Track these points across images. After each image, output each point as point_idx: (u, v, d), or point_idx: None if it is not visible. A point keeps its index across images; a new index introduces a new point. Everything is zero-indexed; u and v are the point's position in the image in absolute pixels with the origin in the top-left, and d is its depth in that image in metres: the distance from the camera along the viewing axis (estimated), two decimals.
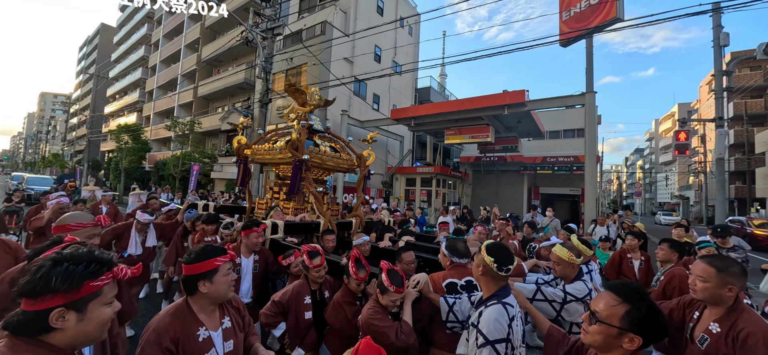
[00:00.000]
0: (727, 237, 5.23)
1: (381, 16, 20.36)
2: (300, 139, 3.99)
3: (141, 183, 27.73)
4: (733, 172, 28.12)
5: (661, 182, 53.15)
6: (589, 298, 2.19)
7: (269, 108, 17.47)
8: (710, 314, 1.81)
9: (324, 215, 4.06)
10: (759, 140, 22.32)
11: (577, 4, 11.44)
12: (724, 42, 8.57)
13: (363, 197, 5.14)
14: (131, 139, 25.20)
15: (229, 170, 20.17)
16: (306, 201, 4.51)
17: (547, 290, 2.25)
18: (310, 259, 2.47)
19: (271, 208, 4.54)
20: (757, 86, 27.37)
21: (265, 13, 11.96)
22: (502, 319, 1.59)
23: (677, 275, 2.99)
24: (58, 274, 0.98)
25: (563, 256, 2.32)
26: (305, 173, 4.04)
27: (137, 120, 35.29)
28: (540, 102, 12.73)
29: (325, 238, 3.63)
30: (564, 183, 20.28)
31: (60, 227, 2.18)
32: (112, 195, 6.62)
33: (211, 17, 25.92)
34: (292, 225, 3.86)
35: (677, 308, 2.06)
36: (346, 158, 4.89)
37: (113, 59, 45.52)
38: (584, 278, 2.34)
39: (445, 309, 2.03)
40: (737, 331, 1.63)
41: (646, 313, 1.20)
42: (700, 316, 1.88)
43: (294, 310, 2.41)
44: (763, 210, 21.56)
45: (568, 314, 2.20)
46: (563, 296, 2.20)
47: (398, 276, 2.04)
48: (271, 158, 4.50)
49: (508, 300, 1.68)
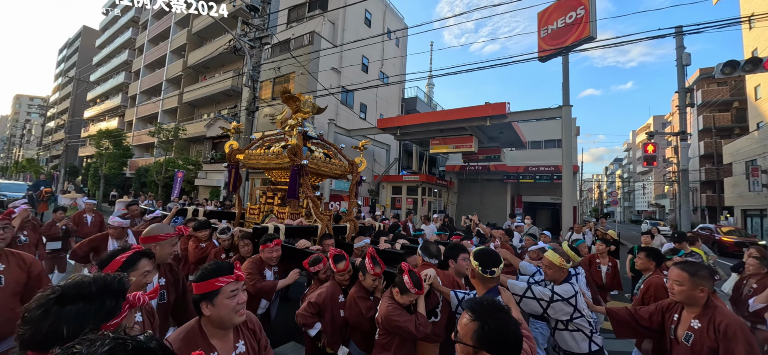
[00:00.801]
0: (684, 242, 5.69)
1: (369, 27, 20.75)
2: (298, 144, 4.05)
3: (121, 190, 27.03)
4: (704, 181, 29.55)
5: (639, 191, 55.15)
6: (574, 300, 2.34)
7: (256, 116, 17.51)
8: (689, 313, 2.01)
9: (321, 220, 4.14)
10: (726, 152, 23.62)
11: (554, 22, 12.05)
12: (686, 61, 9.22)
13: (355, 202, 5.26)
14: (112, 144, 24.61)
15: (214, 177, 19.96)
16: (300, 206, 4.53)
17: (537, 289, 2.41)
18: (335, 263, 2.63)
19: (267, 214, 4.57)
20: (724, 101, 29.02)
21: (254, 23, 12.10)
22: None
23: (654, 283, 3.16)
24: (67, 320, 0.85)
25: (555, 261, 2.47)
26: (303, 178, 4.09)
27: (119, 125, 34.45)
28: (520, 114, 13.24)
29: (324, 242, 3.71)
30: (546, 192, 20.93)
31: (150, 238, 2.18)
32: (94, 203, 6.50)
33: (198, 23, 25.83)
34: (292, 229, 3.89)
35: (656, 312, 2.26)
36: (338, 164, 4.95)
37: (95, 63, 44.46)
38: (572, 281, 2.48)
39: (454, 302, 2.24)
40: (717, 324, 1.85)
41: (491, 330, 1.14)
42: (679, 317, 2.07)
43: (330, 309, 2.53)
44: (732, 218, 22.73)
45: (554, 312, 2.35)
46: (551, 295, 2.35)
47: (417, 278, 2.17)
48: (266, 164, 4.52)
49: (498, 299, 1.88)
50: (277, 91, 18.62)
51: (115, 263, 1.64)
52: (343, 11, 18.52)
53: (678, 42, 9.20)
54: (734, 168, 22.48)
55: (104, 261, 1.66)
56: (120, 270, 1.60)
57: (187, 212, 4.79)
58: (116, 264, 1.63)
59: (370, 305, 2.45)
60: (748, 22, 17.89)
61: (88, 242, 3.69)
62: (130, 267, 1.66)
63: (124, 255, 1.67)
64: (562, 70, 11.43)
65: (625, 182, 62.77)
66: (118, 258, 1.65)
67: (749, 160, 19.89)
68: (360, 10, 19.99)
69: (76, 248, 3.65)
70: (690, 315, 1.98)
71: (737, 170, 21.88)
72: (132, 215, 5.07)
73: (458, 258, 2.68)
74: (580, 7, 11.14)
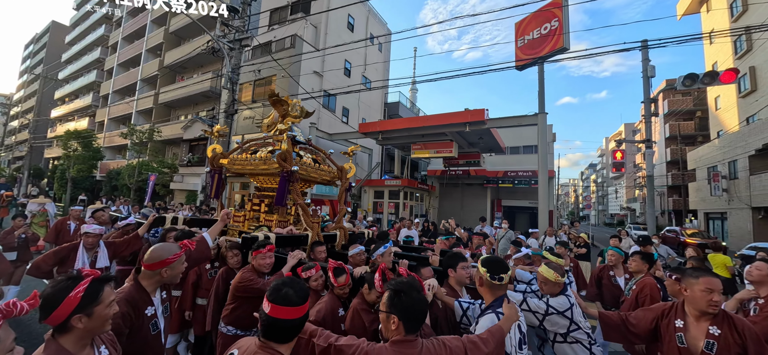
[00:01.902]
0: (649, 246, 6.02)
1: (352, 32, 20.80)
2: (288, 150, 3.92)
3: (91, 194, 25.77)
4: (671, 186, 31.18)
5: (612, 195, 57.49)
6: (569, 312, 2.30)
7: (235, 119, 17.15)
8: (700, 321, 1.97)
9: (311, 228, 4.00)
10: (690, 158, 25.01)
11: (530, 33, 12.48)
12: (651, 73, 9.75)
13: (345, 209, 5.07)
14: (81, 145, 23.45)
15: (191, 181, 19.38)
16: (288, 214, 4.40)
17: (532, 301, 2.37)
18: (335, 277, 2.50)
19: (259, 225, 4.31)
20: (688, 110, 30.80)
21: (233, 24, 11.89)
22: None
23: (648, 284, 3.23)
24: None
25: (550, 277, 2.42)
26: (292, 185, 3.97)
27: (89, 125, 32.89)
28: (498, 120, 13.59)
29: (315, 249, 3.59)
30: (524, 196, 21.51)
31: (157, 263, 1.99)
32: (80, 210, 5.96)
33: (176, 22, 25.12)
34: (282, 238, 3.74)
35: (648, 319, 2.22)
36: (327, 170, 4.81)
37: (64, 60, 42.36)
38: (567, 292, 2.43)
39: (459, 312, 2.24)
40: (740, 329, 1.88)
41: (401, 300, 1.47)
42: (685, 325, 2.02)
43: (330, 325, 2.34)
44: (696, 221, 24.06)
45: (550, 324, 2.32)
46: (545, 308, 2.32)
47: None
48: (252, 169, 4.33)
49: (501, 310, 1.87)
50: (258, 93, 18.34)
51: (70, 301, 1.27)
52: (326, 15, 18.50)
53: (643, 55, 9.72)
54: (697, 174, 23.83)
55: (50, 300, 1.26)
56: (80, 309, 1.29)
57: (165, 221, 4.41)
58: (72, 303, 1.28)
59: (373, 317, 2.34)
60: (710, 37, 19.14)
61: (54, 254, 3.35)
62: (92, 302, 1.33)
63: (79, 287, 1.31)
64: (538, 79, 11.84)
65: (599, 187, 65.32)
66: (73, 295, 1.28)
67: (711, 166, 21.15)
68: (343, 15, 20.02)
69: (40, 261, 3.31)
70: (704, 324, 1.95)
71: (700, 176, 23.21)
72: (100, 223, 4.78)
73: (457, 267, 2.62)
74: (554, 19, 11.59)
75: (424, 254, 4.08)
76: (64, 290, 1.29)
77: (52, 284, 1.32)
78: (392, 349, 1.45)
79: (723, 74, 8.63)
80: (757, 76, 19.04)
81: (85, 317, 1.31)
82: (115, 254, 3.69)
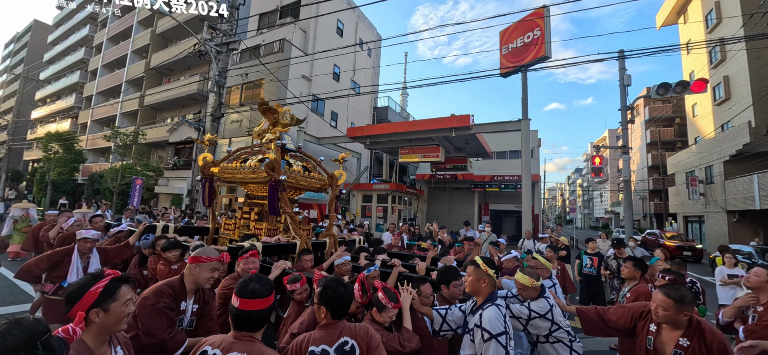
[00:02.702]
0: (623, 248, 6.24)
1: (341, 37, 20.92)
2: (276, 159, 3.94)
3: (72, 197, 25.11)
4: (653, 190, 32.13)
5: (597, 199, 58.77)
6: (550, 314, 2.38)
7: (222, 122, 17.02)
8: (673, 331, 2.03)
9: (300, 236, 4.00)
10: (670, 163, 25.84)
11: (514, 41, 12.80)
12: (627, 82, 10.15)
13: (335, 215, 5.05)
14: (62, 148, 22.87)
15: (176, 185, 19.10)
16: (278, 222, 4.41)
17: (514, 306, 2.44)
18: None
19: (251, 235, 4.26)
20: (667, 117, 31.87)
21: (221, 28, 11.87)
22: (498, 316, 1.96)
23: (642, 292, 3.26)
24: None
25: (526, 282, 2.49)
26: (281, 194, 3.98)
27: (71, 127, 32.09)
28: (483, 126, 13.85)
29: (302, 258, 3.55)
30: (511, 200, 21.85)
31: (193, 259, 2.22)
32: (56, 214, 5.69)
33: (163, 24, 24.84)
34: (269, 247, 3.71)
35: (625, 317, 2.33)
36: (317, 177, 4.80)
37: (46, 60, 41.31)
38: (546, 294, 2.50)
39: (438, 320, 2.29)
40: (709, 342, 1.92)
41: (328, 293, 1.75)
42: (658, 331, 2.10)
43: None
44: (676, 224, 24.82)
45: (534, 328, 2.39)
46: (528, 313, 2.39)
47: (392, 293, 2.15)
48: (242, 178, 4.35)
49: (499, 302, 2.06)
50: (246, 97, 18.26)
51: (90, 296, 1.41)
52: (315, 20, 18.58)
53: (620, 65, 10.10)
54: (676, 178, 24.62)
55: (73, 295, 1.41)
56: (97, 303, 1.41)
57: (156, 229, 4.39)
58: (91, 298, 1.41)
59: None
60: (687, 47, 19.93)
61: (48, 258, 3.29)
62: (108, 299, 1.44)
63: (99, 284, 1.45)
64: (522, 86, 12.14)
65: (584, 191, 66.71)
66: (93, 290, 1.42)
67: (688, 171, 21.91)
68: (332, 20, 20.13)
69: (32, 264, 3.24)
70: (675, 334, 2.01)
71: (679, 180, 23.99)
72: (96, 228, 4.58)
73: (451, 285, 2.60)
74: (537, 28, 11.94)
75: (411, 262, 4.07)
76: (85, 286, 1.44)
77: (77, 282, 1.50)
78: (320, 332, 1.71)
79: (693, 84, 9.03)
80: (731, 85, 19.87)
81: (102, 313, 1.43)
82: (106, 260, 3.66)
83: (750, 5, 17.76)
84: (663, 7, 26.59)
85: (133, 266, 3.85)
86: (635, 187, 35.31)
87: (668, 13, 25.86)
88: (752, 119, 17.28)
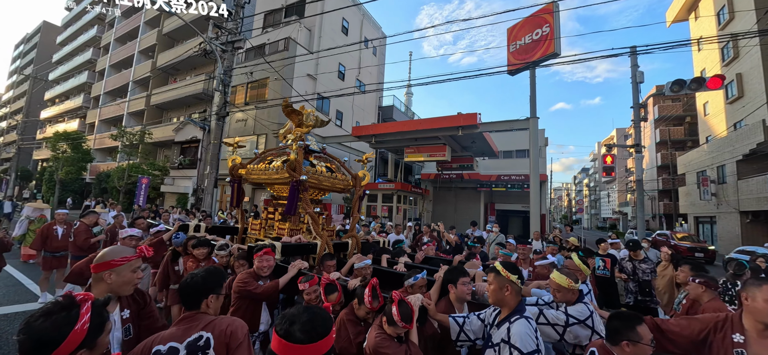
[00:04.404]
0: (638, 250, 6.02)
1: (346, 35, 20.83)
2: (298, 159, 3.99)
3: (80, 196, 25.36)
4: (662, 190, 31.59)
5: (604, 199, 58.06)
6: (590, 321, 2.10)
7: (227, 121, 17.02)
8: (765, 336, 1.80)
9: (321, 236, 3.99)
10: (680, 163, 25.36)
11: (522, 38, 12.58)
12: (640, 79, 9.88)
13: (358, 216, 5.04)
14: (70, 147, 23.09)
15: (182, 184, 19.17)
16: (301, 221, 4.44)
17: (550, 313, 2.19)
18: (326, 295, 2.51)
19: (275, 236, 4.38)
20: (678, 116, 31.31)
21: (226, 27, 11.84)
22: (529, 331, 1.72)
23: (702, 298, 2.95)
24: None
25: (563, 283, 2.23)
26: (302, 194, 4.02)
27: (79, 127, 32.46)
28: (490, 124, 13.65)
29: (325, 263, 3.50)
30: (517, 200, 21.60)
31: (102, 265, 1.76)
32: (66, 213, 5.75)
33: (169, 24, 24.97)
34: (288, 247, 3.73)
35: (700, 329, 2.00)
36: (341, 178, 4.79)
37: (55, 61, 41.85)
38: (585, 299, 2.26)
39: (455, 329, 2.12)
40: None
41: (181, 287, 1.68)
42: (745, 339, 1.83)
43: None
44: (686, 224, 24.35)
45: (572, 336, 2.11)
46: (566, 318, 2.13)
47: (407, 310, 2.00)
48: (266, 178, 4.44)
49: (528, 314, 1.82)
50: (251, 96, 18.25)
51: (75, 336, 1.07)
52: (320, 18, 18.51)
53: (632, 61, 9.85)
54: (687, 178, 24.16)
55: (46, 338, 1.04)
56: (85, 344, 1.10)
57: (188, 228, 4.63)
58: (77, 339, 1.08)
59: (360, 330, 2.31)
60: (698, 44, 19.52)
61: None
62: (98, 333, 1.16)
63: (83, 319, 1.11)
64: (530, 84, 11.93)
65: (591, 191, 65.94)
66: (79, 328, 1.09)
67: (700, 170, 21.46)
68: (337, 19, 20.05)
69: (83, 266, 3.07)
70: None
71: (690, 180, 23.53)
72: (139, 229, 4.87)
73: (458, 283, 2.44)
74: (546, 24, 11.71)
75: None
76: (62, 325, 1.08)
77: (40, 316, 1.09)
78: (173, 328, 1.57)
79: (709, 80, 8.77)
80: (744, 82, 19.41)
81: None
82: (145, 258, 3.85)
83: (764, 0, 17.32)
84: (674, 4, 26.09)
85: (165, 262, 4.02)
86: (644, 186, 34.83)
87: (679, 9, 25.36)
88: (766, 118, 16.85)
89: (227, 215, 11.28)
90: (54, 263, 5.44)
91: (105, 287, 1.73)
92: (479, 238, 7.48)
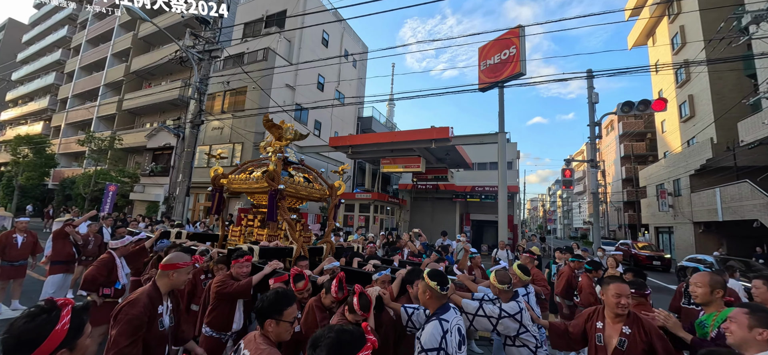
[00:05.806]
0: (598, 270, 6.49)
1: (326, 47, 21.13)
2: (276, 170, 4.26)
3: (41, 203, 24.06)
4: (627, 202, 33.38)
5: (576, 210, 60.44)
6: (519, 316, 2.55)
7: (203, 129, 16.81)
8: (615, 322, 2.26)
9: (296, 242, 4.32)
10: (642, 176, 27.00)
11: (492, 57, 13.31)
12: (595, 100, 10.70)
13: (333, 224, 5.39)
14: (32, 151, 21.99)
15: (153, 192, 18.64)
16: (279, 228, 4.74)
17: (487, 307, 2.61)
18: (294, 283, 2.82)
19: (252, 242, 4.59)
20: (639, 132, 33.38)
21: (204, 35, 11.85)
22: (436, 332, 1.97)
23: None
24: None
25: (495, 283, 2.77)
26: (280, 202, 4.28)
27: (44, 130, 30.92)
28: (462, 138, 14.22)
29: (299, 264, 3.73)
30: (492, 210, 22.26)
31: (169, 266, 2.24)
32: (27, 221, 5.63)
33: (145, 28, 24.48)
34: (266, 250, 4.02)
35: (580, 322, 2.49)
36: (318, 188, 5.13)
37: (19, 60, 39.84)
38: (518, 299, 2.70)
39: (405, 317, 2.45)
40: (647, 328, 2.15)
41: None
42: (603, 324, 2.30)
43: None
44: (648, 234, 25.84)
45: (503, 328, 2.54)
46: (498, 312, 2.55)
47: (366, 301, 2.27)
48: (247, 188, 4.69)
49: (444, 317, 2.05)
50: (229, 104, 18.13)
51: (55, 336, 1.17)
52: (300, 31, 18.74)
53: (589, 84, 10.66)
54: (648, 191, 25.73)
55: (26, 338, 1.13)
56: (65, 343, 1.20)
57: (170, 234, 4.88)
58: (57, 339, 1.17)
59: (325, 316, 2.64)
60: (655, 68, 21.12)
61: (105, 266, 3.63)
62: (77, 335, 1.24)
63: (63, 320, 1.20)
64: (498, 101, 12.60)
65: (564, 202, 68.51)
66: (59, 328, 1.18)
67: (659, 184, 22.96)
68: (318, 31, 20.35)
69: (96, 273, 3.53)
70: (618, 323, 2.22)
71: (650, 193, 25.07)
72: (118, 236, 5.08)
73: (414, 284, 2.74)
74: (513, 46, 12.46)
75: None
76: (42, 325, 1.19)
77: (22, 320, 1.17)
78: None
79: (654, 102, 9.63)
80: (695, 103, 21.10)
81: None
82: (129, 263, 4.14)
83: (711, 29, 19.04)
84: (634, 29, 28.11)
85: (151, 266, 4.26)
86: (610, 198, 36.64)
87: (638, 34, 27.34)
88: (714, 136, 18.36)
89: (200, 225, 11.12)
90: (12, 272, 5.31)
91: (168, 281, 2.21)
92: (445, 247, 7.82)
